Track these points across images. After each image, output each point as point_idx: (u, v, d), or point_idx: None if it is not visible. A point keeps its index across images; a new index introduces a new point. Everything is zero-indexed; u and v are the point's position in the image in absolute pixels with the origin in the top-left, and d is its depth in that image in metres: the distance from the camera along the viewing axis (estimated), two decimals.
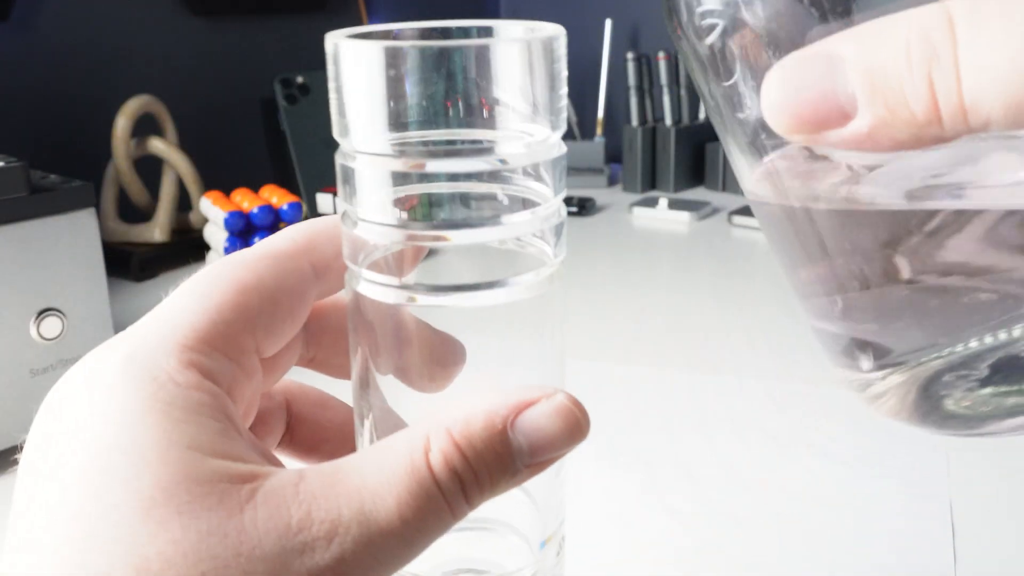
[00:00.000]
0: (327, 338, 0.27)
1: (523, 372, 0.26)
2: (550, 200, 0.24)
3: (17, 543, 0.19)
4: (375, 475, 0.20)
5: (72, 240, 0.58)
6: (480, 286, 0.23)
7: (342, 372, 0.27)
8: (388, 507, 0.19)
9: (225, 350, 0.22)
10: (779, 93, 0.17)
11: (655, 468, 0.55)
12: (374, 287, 0.24)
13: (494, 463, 0.21)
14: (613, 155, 1.38)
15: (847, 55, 0.16)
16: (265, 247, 0.25)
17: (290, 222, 0.91)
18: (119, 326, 0.66)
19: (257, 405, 0.25)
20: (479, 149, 0.22)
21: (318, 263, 0.25)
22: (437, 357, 0.25)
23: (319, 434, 0.28)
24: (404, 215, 0.23)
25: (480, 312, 0.24)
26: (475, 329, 0.25)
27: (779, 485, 0.53)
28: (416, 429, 0.21)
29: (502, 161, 0.22)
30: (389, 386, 0.26)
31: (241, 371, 0.23)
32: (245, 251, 0.25)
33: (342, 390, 0.28)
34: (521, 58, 0.22)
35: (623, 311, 0.84)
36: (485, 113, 0.22)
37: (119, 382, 0.20)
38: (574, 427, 0.22)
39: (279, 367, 0.26)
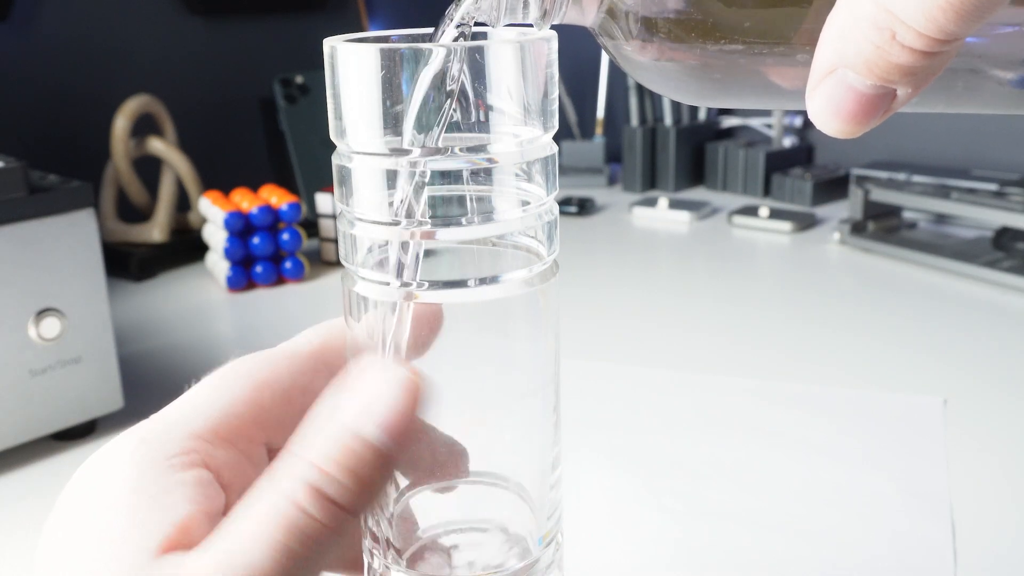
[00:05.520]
0: None
1: (517, 367, 0.26)
2: (542, 199, 0.24)
3: None
4: (247, 539, 0.21)
5: (71, 240, 0.58)
6: (474, 282, 0.24)
7: None
8: (264, 558, 0.21)
9: (233, 441, 0.24)
10: (834, 122, 0.20)
11: (654, 467, 0.55)
12: (371, 286, 0.24)
13: (361, 464, 0.21)
14: (613, 155, 1.38)
15: (837, 66, 0.19)
16: (284, 347, 0.27)
17: (289, 222, 0.91)
18: (118, 326, 0.67)
19: None
20: (471, 148, 0.23)
21: (333, 363, 0.27)
22: (420, 328, 0.25)
23: None
24: (399, 214, 0.23)
25: (474, 308, 0.24)
26: (469, 325, 0.25)
27: (779, 485, 0.53)
28: (270, 477, 0.22)
29: (494, 160, 0.23)
30: None
31: (247, 461, 0.25)
32: (266, 351, 0.26)
33: None
34: (513, 60, 0.22)
35: (623, 311, 0.84)
36: (479, 114, 0.22)
37: (128, 460, 0.23)
38: (404, 384, 0.22)
39: None
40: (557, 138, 0.25)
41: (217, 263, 0.92)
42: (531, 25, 0.24)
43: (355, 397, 0.22)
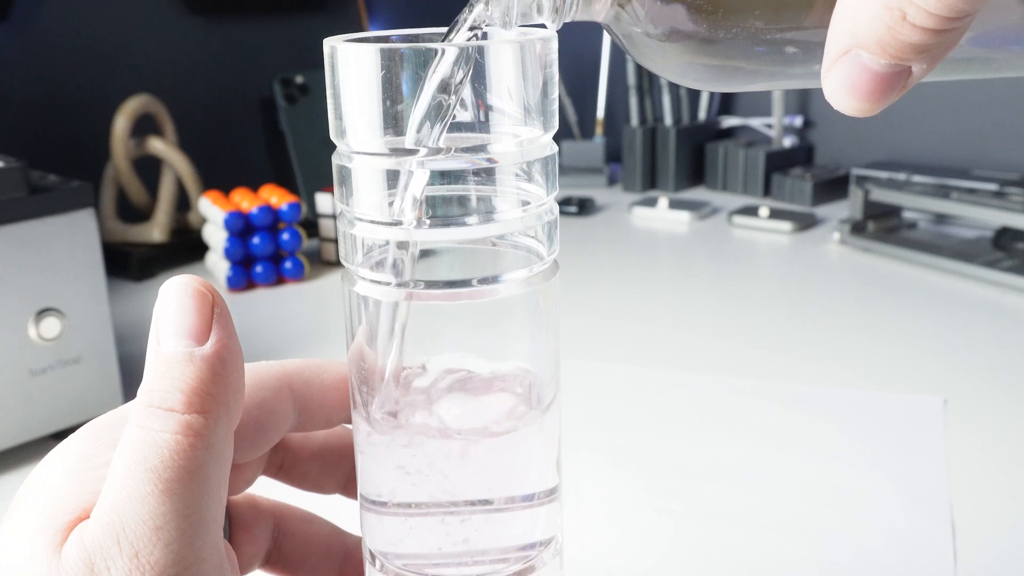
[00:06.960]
0: (294, 442, 0.29)
1: (517, 368, 0.26)
2: (542, 199, 0.24)
3: None
4: (120, 481, 0.21)
5: (71, 240, 0.58)
6: (474, 282, 0.23)
7: (304, 480, 0.30)
8: (142, 492, 0.21)
9: None
10: (851, 101, 0.20)
11: (654, 467, 0.55)
12: (371, 286, 0.24)
13: (171, 366, 0.22)
14: (613, 155, 1.38)
15: (851, 47, 0.19)
16: (255, 363, 0.26)
17: (289, 222, 0.91)
18: (118, 326, 0.67)
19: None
20: (471, 148, 0.23)
21: (298, 390, 0.27)
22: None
23: (305, 548, 0.30)
24: (396, 214, 0.23)
25: (474, 308, 0.24)
26: (469, 325, 0.25)
27: (779, 485, 0.53)
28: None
29: (494, 160, 0.23)
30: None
31: None
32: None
33: (324, 509, 0.31)
34: (513, 60, 0.22)
35: (623, 311, 0.84)
36: (479, 114, 0.22)
37: (76, 438, 0.23)
38: (183, 291, 0.23)
39: (249, 471, 0.28)
40: (557, 138, 0.25)
41: (217, 263, 0.92)
42: (540, 25, 0.24)
43: (153, 322, 0.23)
